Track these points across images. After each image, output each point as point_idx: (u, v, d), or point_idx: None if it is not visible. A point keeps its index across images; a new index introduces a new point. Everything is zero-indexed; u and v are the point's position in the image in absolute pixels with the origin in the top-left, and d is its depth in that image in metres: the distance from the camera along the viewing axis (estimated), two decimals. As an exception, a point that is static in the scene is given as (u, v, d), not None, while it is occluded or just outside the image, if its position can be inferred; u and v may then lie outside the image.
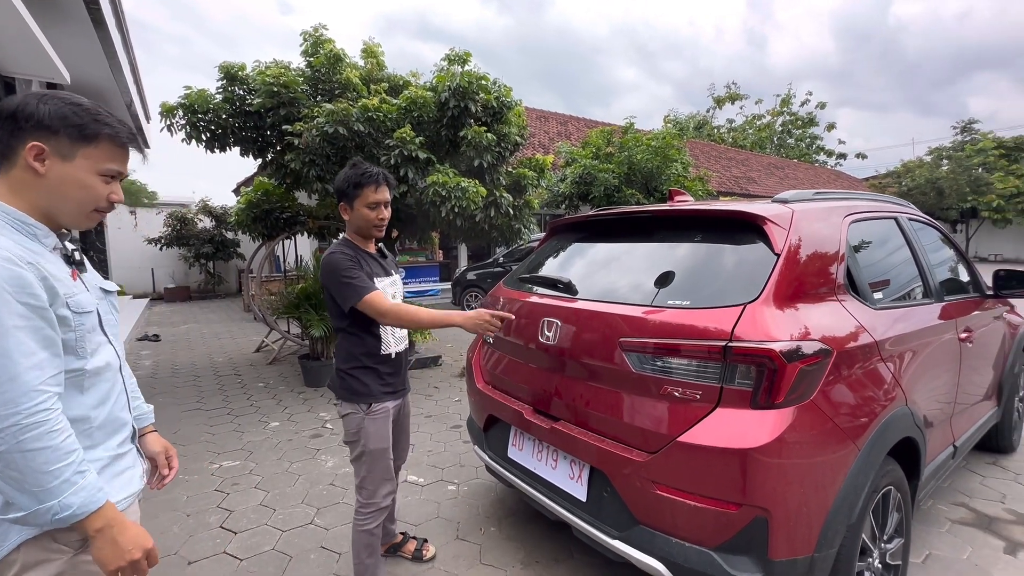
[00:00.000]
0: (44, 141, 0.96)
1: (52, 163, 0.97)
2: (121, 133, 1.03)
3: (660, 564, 1.54)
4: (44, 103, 0.96)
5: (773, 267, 1.62)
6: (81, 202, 1.02)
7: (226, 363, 6.04)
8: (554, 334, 1.95)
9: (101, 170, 1.02)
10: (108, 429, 1.06)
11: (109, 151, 1.02)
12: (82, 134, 0.98)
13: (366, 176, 1.83)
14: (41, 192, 0.98)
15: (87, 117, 0.99)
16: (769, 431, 1.41)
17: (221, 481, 3.03)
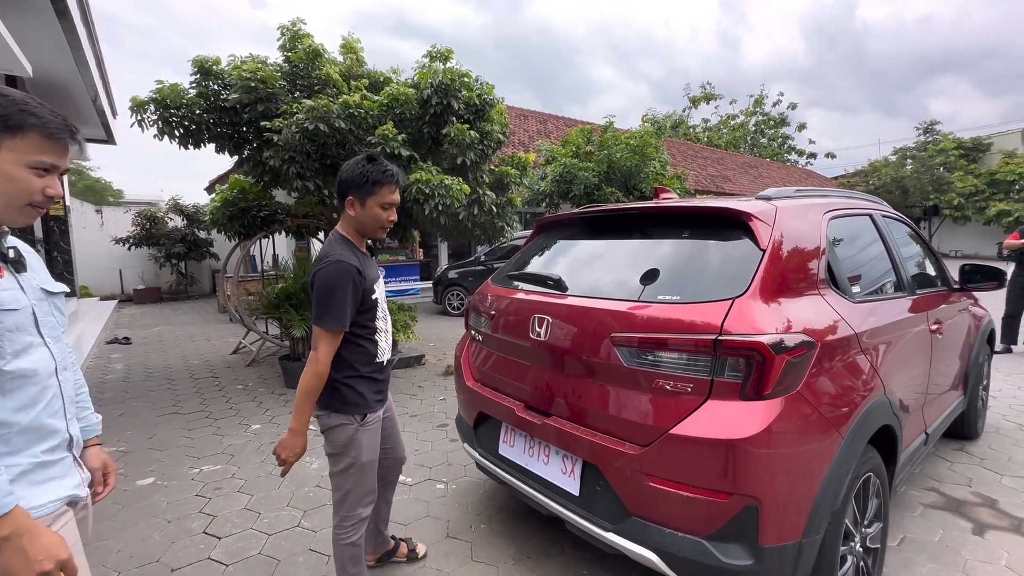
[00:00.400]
0: None
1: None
2: (51, 124, 0.99)
3: (654, 555, 1.57)
4: None
5: (759, 262, 1.66)
6: (9, 195, 0.97)
7: (202, 365, 5.89)
8: (545, 330, 1.96)
9: (30, 162, 0.98)
10: (32, 436, 1.01)
11: (38, 143, 0.98)
12: (6, 124, 0.94)
13: (387, 175, 1.72)
14: None
15: (12, 107, 0.95)
16: (758, 422, 1.45)
17: (203, 486, 2.95)
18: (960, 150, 25.08)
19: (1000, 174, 22.47)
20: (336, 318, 1.66)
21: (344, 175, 1.76)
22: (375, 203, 1.74)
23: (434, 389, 4.82)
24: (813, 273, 1.81)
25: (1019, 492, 2.78)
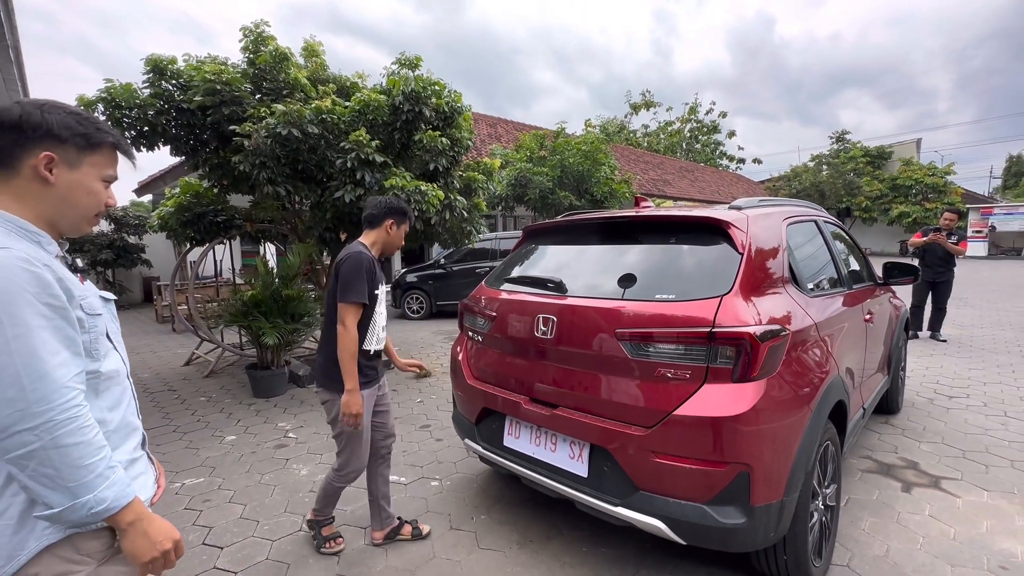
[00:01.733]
0: (54, 150, 0.97)
1: (60, 171, 0.99)
2: (121, 141, 1.08)
3: (660, 522, 1.79)
4: (48, 112, 0.97)
5: (739, 264, 1.93)
6: (88, 208, 1.04)
7: (154, 379, 5.58)
8: (550, 329, 2.14)
9: (104, 176, 1.05)
10: (122, 433, 1.07)
11: (110, 157, 1.06)
12: (89, 142, 1.01)
13: (409, 211, 2.38)
14: (48, 200, 0.99)
15: (90, 126, 1.02)
16: (748, 400, 1.70)
17: (190, 499, 2.89)
18: (867, 157, 27.91)
19: (900, 179, 25.24)
20: (358, 293, 2.13)
21: (392, 203, 2.34)
22: (403, 231, 2.38)
23: (409, 392, 4.87)
24: (779, 272, 2.11)
25: (934, 455, 3.27)
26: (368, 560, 2.32)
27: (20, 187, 0.97)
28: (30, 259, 0.90)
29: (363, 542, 2.46)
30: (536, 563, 2.28)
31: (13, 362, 0.85)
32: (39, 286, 0.89)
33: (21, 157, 0.96)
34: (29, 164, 0.96)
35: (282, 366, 4.83)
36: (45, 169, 0.97)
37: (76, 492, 0.89)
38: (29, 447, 0.86)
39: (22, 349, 0.86)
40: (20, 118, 0.95)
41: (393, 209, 2.32)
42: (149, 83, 4.56)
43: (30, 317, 0.87)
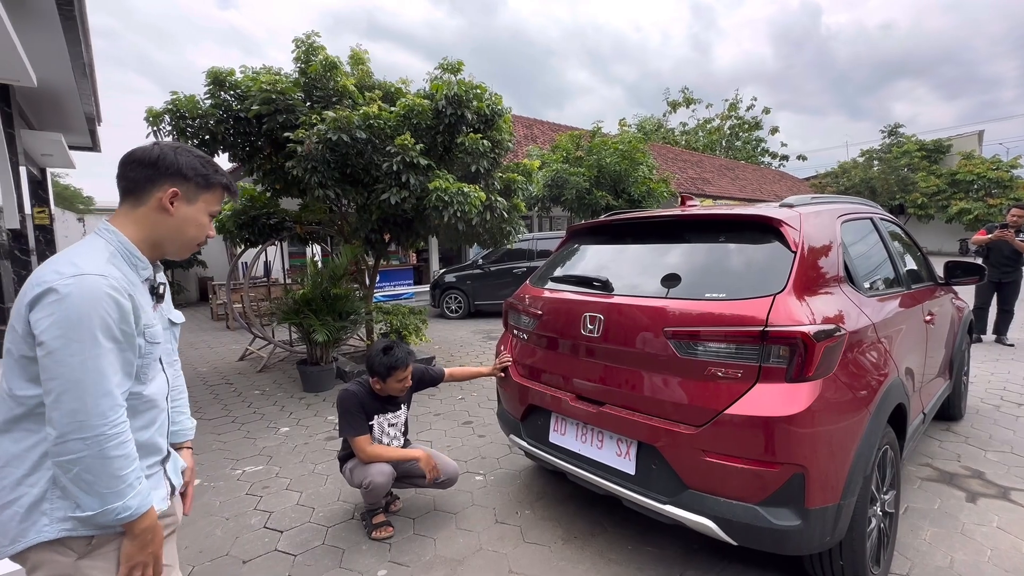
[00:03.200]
0: (179, 186, 1.15)
1: (180, 205, 1.16)
2: (231, 184, 1.26)
3: (711, 521, 1.79)
4: (179, 155, 1.15)
5: (792, 263, 1.90)
6: (194, 237, 1.21)
7: (212, 372, 5.91)
8: (596, 327, 2.17)
9: (211, 211, 1.23)
10: (143, 451, 1.15)
11: (219, 196, 1.24)
12: (207, 183, 1.19)
13: (398, 361, 2.46)
14: (163, 228, 1.16)
15: (210, 168, 1.20)
16: (804, 400, 1.68)
17: (250, 485, 3.07)
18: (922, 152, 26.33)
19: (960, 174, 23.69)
20: (350, 429, 2.49)
21: (368, 363, 2.52)
22: (393, 381, 2.48)
23: (451, 389, 4.97)
24: (834, 271, 2.06)
25: (1002, 464, 3.10)
26: (417, 549, 2.41)
27: (142, 215, 1.14)
28: (118, 288, 1.02)
29: (411, 532, 2.55)
30: (581, 559, 2.30)
31: (83, 379, 0.97)
32: (119, 313, 1.02)
33: (151, 190, 1.13)
34: (156, 196, 1.14)
35: (330, 362, 5.03)
36: (168, 202, 1.14)
37: (107, 499, 1.01)
38: (79, 454, 0.97)
39: (93, 368, 0.98)
40: (158, 158, 1.13)
41: (372, 370, 2.50)
42: (210, 94, 4.85)
43: (105, 341, 1.00)
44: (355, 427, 2.45)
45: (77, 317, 0.96)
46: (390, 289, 11.35)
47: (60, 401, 0.96)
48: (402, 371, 2.47)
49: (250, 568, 2.29)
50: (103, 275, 1.01)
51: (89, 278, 0.99)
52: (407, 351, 2.51)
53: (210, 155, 5.09)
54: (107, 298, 1.00)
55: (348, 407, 2.47)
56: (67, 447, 0.97)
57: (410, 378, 2.55)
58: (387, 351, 2.47)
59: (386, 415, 2.58)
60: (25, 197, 7.20)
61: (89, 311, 0.97)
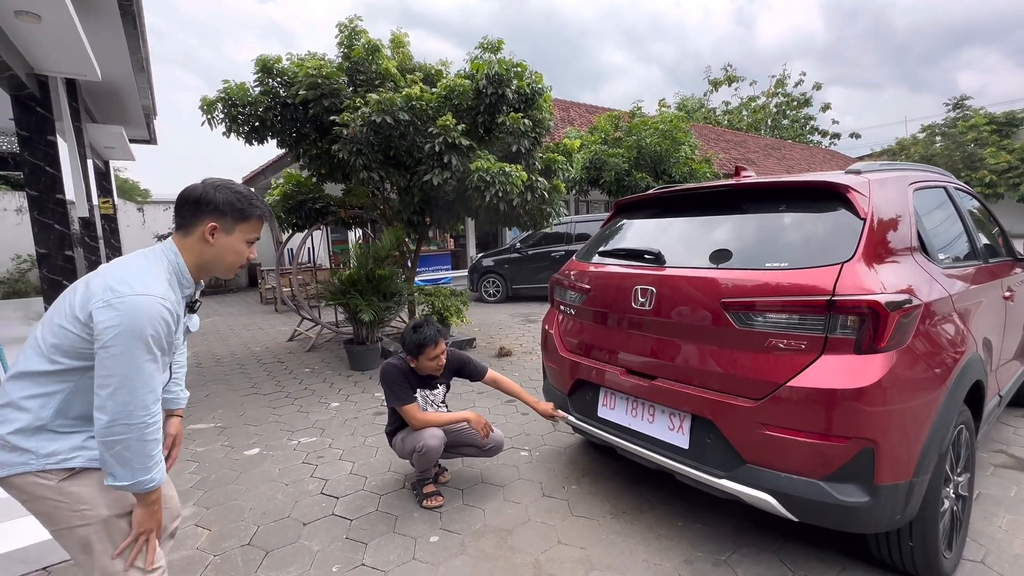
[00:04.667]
0: (217, 220, 1.33)
1: (219, 236, 1.34)
2: (265, 213, 1.42)
3: (770, 496, 1.74)
4: (218, 192, 1.33)
5: (861, 230, 1.80)
6: (234, 262, 1.40)
7: (264, 352, 6.19)
8: (648, 300, 2.13)
9: (249, 239, 1.40)
10: None
11: (256, 225, 1.40)
12: (243, 216, 1.36)
13: (427, 338, 2.48)
14: (206, 255, 1.36)
15: (245, 203, 1.36)
16: (875, 372, 1.60)
17: (306, 455, 3.21)
18: (992, 125, 24.33)
19: (1036, 149, 21.79)
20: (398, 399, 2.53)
21: (402, 341, 2.58)
22: (425, 359, 2.52)
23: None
24: (907, 240, 1.94)
25: (1087, 453, 2.87)
26: (467, 518, 2.46)
27: (190, 244, 1.34)
28: (170, 309, 1.24)
29: (461, 502, 2.61)
30: (630, 533, 2.30)
31: (136, 377, 1.18)
32: (167, 329, 1.23)
33: (196, 224, 1.33)
34: (200, 229, 1.33)
35: (376, 342, 5.17)
36: (209, 234, 1.33)
37: (138, 474, 1.21)
38: (124, 436, 1.18)
39: (144, 369, 1.19)
40: (200, 196, 1.32)
41: (407, 349, 2.54)
42: (259, 81, 5.00)
43: (155, 349, 1.21)
44: (402, 396, 2.51)
45: (139, 328, 1.17)
46: (428, 274, 11.53)
47: (116, 394, 1.16)
48: (432, 348, 2.48)
49: (310, 530, 2.40)
50: (163, 297, 1.22)
51: (152, 299, 1.20)
52: (437, 329, 2.53)
53: (259, 141, 5.30)
54: (160, 319, 1.20)
55: (392, 378, 2.53)
56: (115, 430, 1.17)
57: (443, 357, 2.57)
58: (417, 329, 2.51)
59: (426, 390, 2.65)
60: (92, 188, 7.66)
61: (146, 325, 1.18)
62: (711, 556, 2.12)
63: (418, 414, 2.50)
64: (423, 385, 2.63)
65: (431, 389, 2.66)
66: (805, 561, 2.06)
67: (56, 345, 1.22)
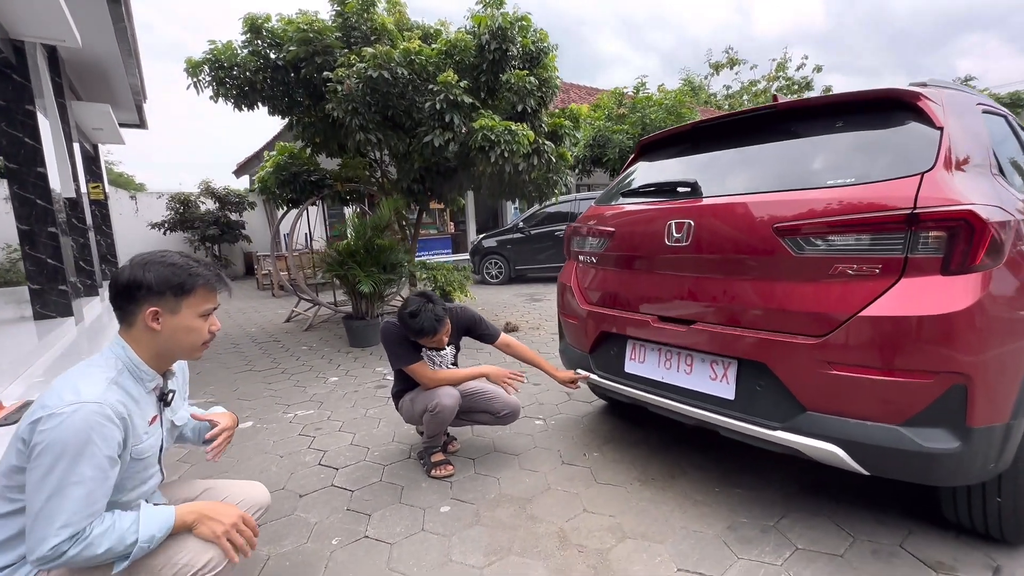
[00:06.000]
0: (156, 304, 1.16)
1: (164, 319, 1.17)
2: (211, 280, 1.22)
3: (836, 447, 1.50)
4: (148, 271, 1.15)
5: (939, 140, 1.55)
6: (192, 343, 1.22)
7: (261, 332, 5.94)
8: (685, 235, 1.87)
9: (200, 312, 1.21)
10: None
11: (204, 296, 1.21)
12: (184, 290, 1.18)
13: (424, 331, 2.16)
14: (158, 343, 1.19)
15: (183, 274, 1.17)
16: (967, 295, 1.35)
17: (303, 427, 2.97)
18: (998, 105, 23.97)
19: (1043, 128, 21.47)
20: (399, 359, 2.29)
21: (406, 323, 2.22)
22: (428, 343, 2.24)
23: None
24: (987, 156, 1.68)
25: None
26: (481, 488, 2.23)
27: (137, 335, 1.18)
28: (113, 416, 1.07)
29: (473, 471, 2.37)
30: (663, 500, 2.06)
31: (63, 500, 1.00)
32: (105, 442, 1.05)
33: (135, 312, 1.16)
34: (140, 318, 1.16)
35: (376, 317, 4.92)
36: (152, 322, 1.16)
37: (126, 554, 1.07)
38: (68, 555, 1.00)
39: (73, 494, 1.01)
40: (129, 280, 1.14)
41: (411, 331, 2.21)
42: (247, 42, 4.71)
43: (87, 470, 1.03)
44: (408, 356, 2.25)
45: (67, 442, 1.01)
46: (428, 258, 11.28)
47: (36, 518, 1.00)
48: (429, 339, 2.19)
49: (307, 502, 2.17)
50: (100, 402, 1.06)
51: (87, 406, 1.04)
52: (435, 317, 2.16)
53: (249, 106, 5.01)
54: (97, 428, 1.04)
55: (394, 338, 2.27)
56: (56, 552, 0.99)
57: (445, 337, 2.28)
58: (414, 316, 2.15)
59: (431, 351, 2.38)
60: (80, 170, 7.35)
61: (81, 438, 1.02)
62: (757, 522, 1.88)
63: (428, 372, 2.25)
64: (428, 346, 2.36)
65: (438, 350, 2.41)
66: (864, 525, 1.82)
67: (7, 486, 1.08)
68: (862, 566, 1.62)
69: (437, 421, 2.22)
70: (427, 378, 2.24)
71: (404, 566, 1.73)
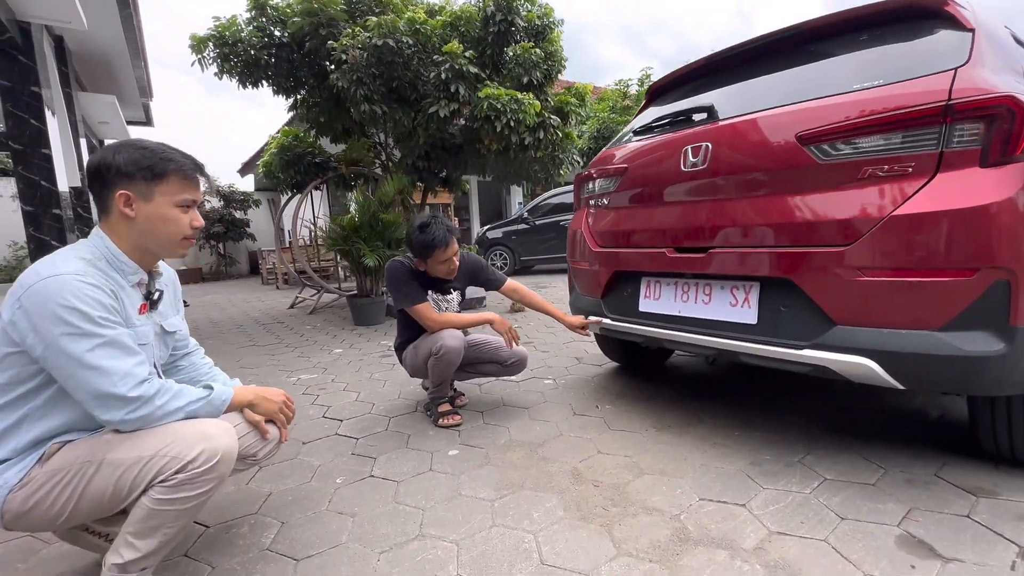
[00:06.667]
0: (126, 188, 1.10)
1: (138, 206, 1.11)
2: (185, 165, 1.15)
3: (869, 360, 1.41)
4: (119, 153, 1.09)
5: (972, 40, 1.47)
6: (170, 236, 1.16)
7: (264, 316, 5.89)
8: (701, 158, 1.80)
9: (177, 202, 1.15)
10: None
11: (179, 183, 1.15)
12: (154, 173, 1.11)
13: (436, 240, 2.09)
14: (135, 233, 1.13)
15: (154, 157, 1.11)
16: (1009, 185, 1.27)
17: (306, 388, 2.90)
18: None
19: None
20: (406, 298, 2.19)
21: (407, 242, 2.22)
22: (434, 262, 2.15)
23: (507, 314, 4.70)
24: (1021, 65, 1.60)
25: None
26: (490, 435, 2.14)
27: (113, 224, 1.12)
28: (93, 283, 1.03)
29: (481, 422, 2.29)
30: (680, 443, 1.97)
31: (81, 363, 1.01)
32: (96, 302, 1.02)
33: (109, 199, 1.10)
34: (114, 202, 1.10)
35: (381, 294, 4.86)
36: (125, 207, 1.10)
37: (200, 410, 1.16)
38: (139, 417, 1.06)
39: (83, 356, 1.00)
40: (98, 164, 1.09)
41: (413, 250, 2.18)
42: (251, 19, 4.70)
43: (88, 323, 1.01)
44: (412, 295, 2.17)
45: (52, 310, 0.97)
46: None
47: (81, 390, 1.01)
48: (441, 251, 2.11)
49: (310, 448, 2.09)
50: (77, 273, 1.02)
51: (60, 277, 1.00)
52: (447, 227, 2.13)
53: (254, 84, 4.99)
54: (79, 292, 1.00)
55: (399, 276, 2.19)
56: (127, 421, 1.04)
57: (456, 260, 2.20)
58: (423, 228, 2.11)
59: (437, 294, 2.30)
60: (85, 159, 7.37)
61: (58, 304, 0.98)
62: (781, 458, 1.79)
63: (433, 314, 2.18)
64: (434, 288, 2.30)
65: (444, 294, 2.33)
66: (896, 458, 1.73)
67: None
68: (896, 493, 1.52)
69: (442, 365, 2.14)
70: (432, 320, 2.16)
71: (412, 500, 1.65)
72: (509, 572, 1.27)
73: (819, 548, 1.30)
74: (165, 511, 1.05)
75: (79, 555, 1.41)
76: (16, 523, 1.04)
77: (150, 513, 1.04)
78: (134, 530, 1.05)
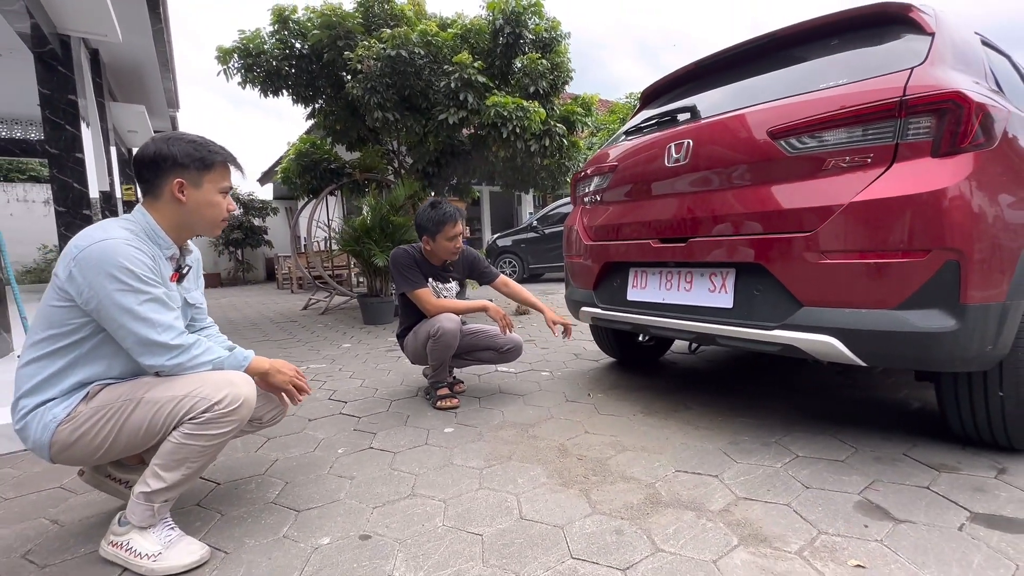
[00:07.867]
0: (181, 175, 1.25)
1: (189, 192, 1.27)
2: (228, 157, 1.34)
3: (831, 337, 1.51)
4: (173, 145, 1.25)
5: (930, 43, 1.59)
6: (213, 218, 1.33)
7: (278, 316, 6.10)
8: (683, 154, 1.93)
9: (220, 188, 1.32)
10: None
11: (222, 172, 1.33)
12: (205, 164, 1.28)
13: (447, 215, 2.28)
14: (182, 214, 1.29)
15: (204, 150, 1.28)
16: (958, 172, 1.37)
17: (315, 375, 3.05)
18: None
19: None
20: (408, 283, 2.34)
21: (416, 220, 2.39)
22: (442, 238, 2.31)
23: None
24: (980, 70, 1.70)
25: None
26: (485, 416, 2.26)
27: (161, 206, 1.28)
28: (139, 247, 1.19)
29: (478, 405, 2.41)
30: (665, 426, 2.06)
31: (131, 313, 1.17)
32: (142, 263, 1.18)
33: (161, 185, 1.26)
34: (167, 189, 1.26)
35: (391, 294, 5.02)
36: (178, 192, 1.26)
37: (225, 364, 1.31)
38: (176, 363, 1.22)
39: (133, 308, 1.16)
40: (156, 153, 1.24)
41: (420, 227, 2.35)
42: (274, 32, 4.97)
43: (135, 281, 1.17)
44: (413, 280, 2.33)
45: (106, 268, 1.13)
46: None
47: (128, 338, 1.17)
48: (451, 226, 2.29)
49: (315, 424, 2.23)
50: (125, 239, 1.17)
51: (110, 241, 1.15)
52: (456, 208, 2.33)
53: (275, 93, 5.25)
54: (127, 254, 1.15)
55: (403, 261, 2.36)
56: (165, 366, 1.20)
57: (461, 240, 2.37)
58: (435, 205, 2.32)
59: (438, 282, 2.45)
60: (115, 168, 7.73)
61: (110, 263, 1.13)
62: (759, 439, 1.88)
63: (432, 299, 2.32)
64: (435, 276, 2.44)
65: (443, 282, 2.48)
66: (868, 439, 1.80)
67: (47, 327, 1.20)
68: (863, 468, 1.60)
69: (440, 347, 2.27)
70: (430, 304, 2.30)
71: (407, 467, 1.77)
72: (490, 524, 1.38)
73: (781, 511, 1.39)
74: (191, 446, 1.19)
75: (104, 502, 1.56)
76: (61, 455, 1.19)
77: (178, 447, 1.18)
78: (162, 462, 1.19)
